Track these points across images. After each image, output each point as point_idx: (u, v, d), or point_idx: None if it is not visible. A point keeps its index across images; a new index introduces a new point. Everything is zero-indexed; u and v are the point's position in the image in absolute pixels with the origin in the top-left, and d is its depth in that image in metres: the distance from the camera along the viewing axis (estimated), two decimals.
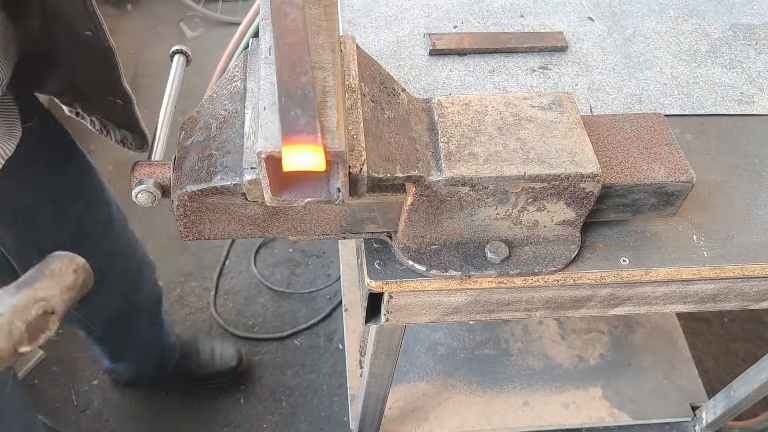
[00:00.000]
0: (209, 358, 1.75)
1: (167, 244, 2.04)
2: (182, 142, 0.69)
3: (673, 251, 0.80)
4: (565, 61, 1.01)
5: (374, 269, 0.76)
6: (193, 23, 2.77)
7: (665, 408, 1.55)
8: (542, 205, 0.72)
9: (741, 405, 1.38)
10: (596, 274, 0.78)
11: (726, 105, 0.97)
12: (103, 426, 1.72)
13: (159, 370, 1.69)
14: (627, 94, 0.97)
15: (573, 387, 1.57)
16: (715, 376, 1.83)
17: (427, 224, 0.73)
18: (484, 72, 0.99)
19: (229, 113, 0.66)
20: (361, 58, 0.68)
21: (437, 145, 0.69)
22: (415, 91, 0.95)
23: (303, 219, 0.72)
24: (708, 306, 0.88)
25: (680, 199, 0.76)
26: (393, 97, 0.70)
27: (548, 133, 0.71)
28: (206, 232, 0.71)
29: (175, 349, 1.70)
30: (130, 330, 1.50)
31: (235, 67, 0.70)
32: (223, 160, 0.63)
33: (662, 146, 0.76)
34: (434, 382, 1.55)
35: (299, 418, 1.75)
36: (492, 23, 1.06)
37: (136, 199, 0.68)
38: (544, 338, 1.64)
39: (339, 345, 1.87)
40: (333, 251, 2.07)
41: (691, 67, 1.02)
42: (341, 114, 0.58)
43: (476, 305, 0.83)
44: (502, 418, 1.51)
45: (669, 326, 1.68)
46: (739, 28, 1.09)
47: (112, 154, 2.20)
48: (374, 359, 1.05)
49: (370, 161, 0.61)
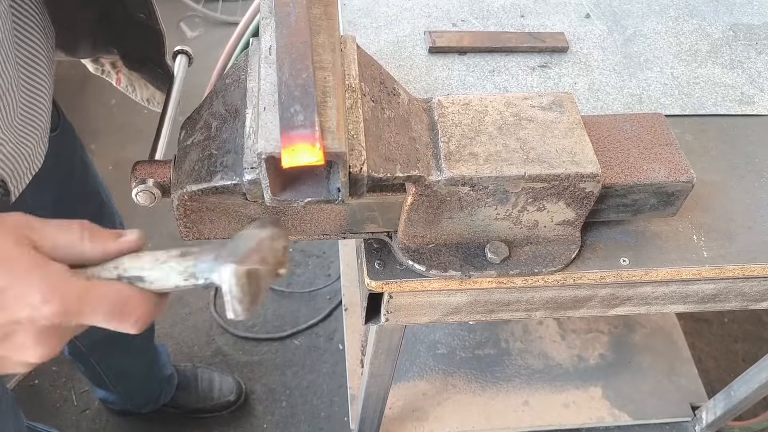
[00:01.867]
0: (207, 390, 1.72)
1: (167, 243, 2.04)
2: (182, 142, 0.69)
3: (673, 251, 0.80)
4: (565, 61, 1.01)
5: (374, 269, 0.76)
6: (193, 23, 2.77)
7: (665, 408, 1.55)
8: (542, 205, 0.72)
9: (741, 405, 1.38)
10: (596, 274, 0.78)
11: (726, 105, 0.97)
12: (103, 426, 1.72)
13: (155, 402, 1.65)
14: (627, 95, 0.97)
15: (573, 387, 1.57)
16: (715, 376, 1.83)
17: (427, 224, 0.73)
18: (485, 72, 0.99)
19: (229, 113, 0.66)
20: (361, 58, 0.68)
21: (437, 145, 0.69)
22: (416, 91, 0.95)
23: (303, 219, 0.72)
24: (708, 306, 0.88)
25: (680, 199, 0.76)
26: (393, 97, 0.70)
27: (548, 133, 0.71)
28: (206, 231, 0.71)
29: (171, 381, 1.66)
30: (121, 355, 1.45)
31: (236, 67, 0.70)
32: (223, 160, 0.63)
33: (662, 146, 0.76)
34: (434, 382, 1.55)
35: (299, 418, 1.75)
36: (492, 23, 1.06)
37: (137, 198, 0.68)
38: (544, 338, 1.64)
39: (339, 345, 1.87)
40: (333, 251, 2.07)
41: (692, 68, 1.02)
42: (341, 114, 0.58)
43: (476, 305, 0.83)
44: (502, 417, 1.51)
45: (669, 326, 1.69)
46: (739, 28, 1.09)
47: (112, 154, 2.20)
48: (374, 359, 1.05)
49: (370, 161, 0.61)
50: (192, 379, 1.72)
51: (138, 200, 0.68)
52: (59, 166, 0.97)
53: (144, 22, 0.86)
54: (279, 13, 0.60)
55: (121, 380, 1.54)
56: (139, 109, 1.04)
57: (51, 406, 1.73)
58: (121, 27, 0.89)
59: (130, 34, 0.91)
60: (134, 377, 1.56)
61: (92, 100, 2.40)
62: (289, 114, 0.54)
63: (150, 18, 0.86)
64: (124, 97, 1.05)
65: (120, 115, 2.36)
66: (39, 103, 0.78)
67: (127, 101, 1.12)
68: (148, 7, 0.84)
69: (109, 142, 2.26)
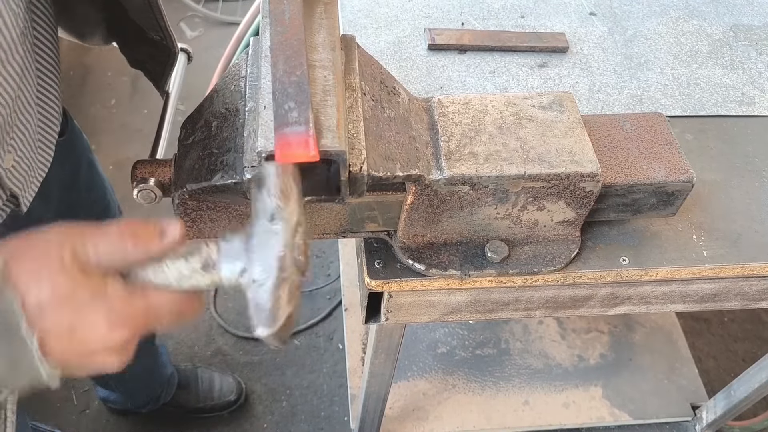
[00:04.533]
0: (208, 389, 1.71)
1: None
2: (183, 141, 0.69)
3: (673, 251, 0.80)
4: (566, 62, 1.01)
5: (374, 268, 0.76)
6: (193, 23, 2.77)
7: (665, 408, 1.55)
8: (542, 204, 0.72)
9: (741, 405, 1.38)
10: (596, 274, 0.78)
11: (727, 106, 0.97)
12: (104, 425, 1.72)
13: (155, 401, 1.65)
14: (628, 95, 0.97)
15: (573, 386, 1.57)
16: (715, 375, 1.83)
17: (427, 223, 0.73)
18: (485, 73, 0.99)
19: (229, 112, 0.66)
20: (361, 57, 0.68)
21: (437, 144, 0.69)
22: (416, 92, 0.95)
23: None
24: (708, 305, 0.88)
25: (680, 198, 0.76)
26: (393, 96, 0.70)
27: (548, 132, 0.71)
28: (207, 230, 0.71)
29: (172, 381, 1.66)
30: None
31: (236, 66, 0.71)
32: (223, 159, 0.63)
33: (662, 146, 0.76)
34: (434, 382, 1.55)
35: (299, 417, 1.75)
36: (493, 24, 1.06)
37: (137, 197, 0.68)
38: (544, 338, 1.64)
39: (339, 345, 1.87)
40: (332, 251, 2.07)
41: (692, 68, 1.02)
42: (341, 113, 0.58)
43: (476, 305, 0.83)
44: (502, 417, 1.51)
45: (669, 326, 1.69)
46: (739, 29, 1.09)
47: (112, 154, 2.20)
48: (374, 359, 1.05)
49: (370, 160, 0.61)
50: (192, 379, 1.72)
51: (139, 199, 0.68)
52: (65, 169, 0.96)
53: (160, 42, 0.85)
54: (274, 11, 0.60)
55: (121, 380, 1.54)
56: (139, 109, 1.04)
57: (51, 406, 1.73)
58: (134, 43, 0.87)
59: (142, 50, 0.89)
60: (135, 377, 1.56)
61: (92, 100, 2.40)
62: (283, 111, 0.54)
63: (165, 39, 0.84)
64: (124, 96, 1.05)
65: (120, 115, 2.36)
66: (50, 112, 0.78)
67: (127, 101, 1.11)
68: (163, 30, 0.83)
69: (109, 142, 2.26)
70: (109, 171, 2.16)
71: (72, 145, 0.99)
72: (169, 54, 0.87)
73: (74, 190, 1.02)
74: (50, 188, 0.88)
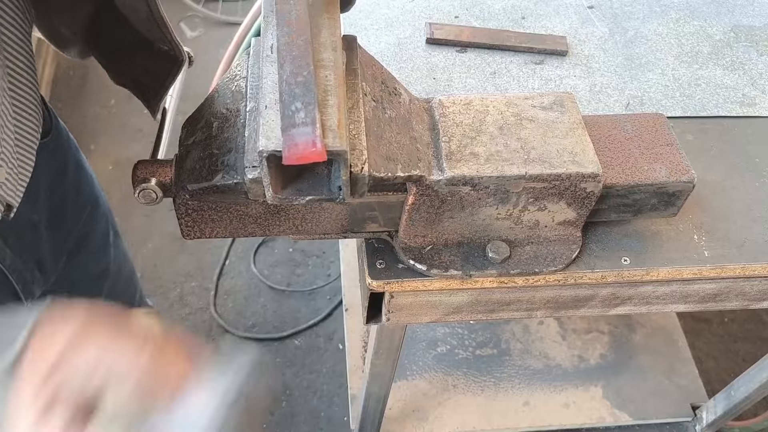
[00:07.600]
0: None
1: (167, 244, 2.04)
2: (184, 141, 0.69)
3: (674, 251, 0.80)
4: (566, 63, 1.01)
5: (375, 269, 0.76)
6: (193, 23, 2.77)
7: (665, 408, 1.55)
8: (543, 205, 0.72)
9: (741, 405, 1.38)
10: (597, 274, 0.78)
11: (728, 107, 0.97)
12: None
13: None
14: (629, 96, 0.97)
15: (573, 387, 1.57)
16: (715, 376, 1.83)
17: (428, 224, 0.73)
18: (486, 74, 0.99)
19: (230, 112, 0.67)
20: (362, 58, 0.68)
21: (438, 145, 0.69)
22: (417, 93, 0.95)
23: (304, 218, 0.72)
24: (709, 306, 0.88)
25: (681, 199, 0.76)
26: (394, 97, 0.70)
27: (549, 133, 0.71)
28: (207, 230, 0.71)
29: None
30: None
31: (237, 66, 0.71)
32: (224, 159, 0.63)
33: (663, 146, 0.76)
34: (435, 382, 1.55)
35: (299, 418, 1.75)
36: (493, 25, 1.06)
37: (138, 197, 0.68)
38: (544, 338, 1.64)
39: (339, 345, 1.87)
40: (333, 251, 2.07)
41: (693, 69, 1.02)
42: (342, 113, 0.58)
43: (477, 305, 0.83)
44: (502, 418, 1.51)
45: (669, 326, 1.69)
46: (740, 29, 1.09)
47: (112, 154, 2.20)
48: (375, 359, 1.05)
49: (371, 160, 0.61)
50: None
51: (140, 199, 0.68)
52: (52, 170, 0.95)
53: (167, 52, 0.82)
54: (280, 11, 0.60)
55: None
56: (139, 109, 1.03)
57: None
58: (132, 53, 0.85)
59: (136, 63, 0.87)
60: None
61: (92, 100, 2.40)
62: (290, 112, 0.54)
63: (173, 49, 0.82)
64: (124, 97, 1.05)
65: (120, 115, 2.36)
66: (28, 117, 0.76)
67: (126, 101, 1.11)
68: (169, 42, 0.80)
69: (109, 142, 2.26)
70: (109, 171, 2.16)
71: (58, 145, 0.98)
72: (173, 63, 0.84)
73: (62, 190, 1.02)
74: (38, 189, 0.87)
